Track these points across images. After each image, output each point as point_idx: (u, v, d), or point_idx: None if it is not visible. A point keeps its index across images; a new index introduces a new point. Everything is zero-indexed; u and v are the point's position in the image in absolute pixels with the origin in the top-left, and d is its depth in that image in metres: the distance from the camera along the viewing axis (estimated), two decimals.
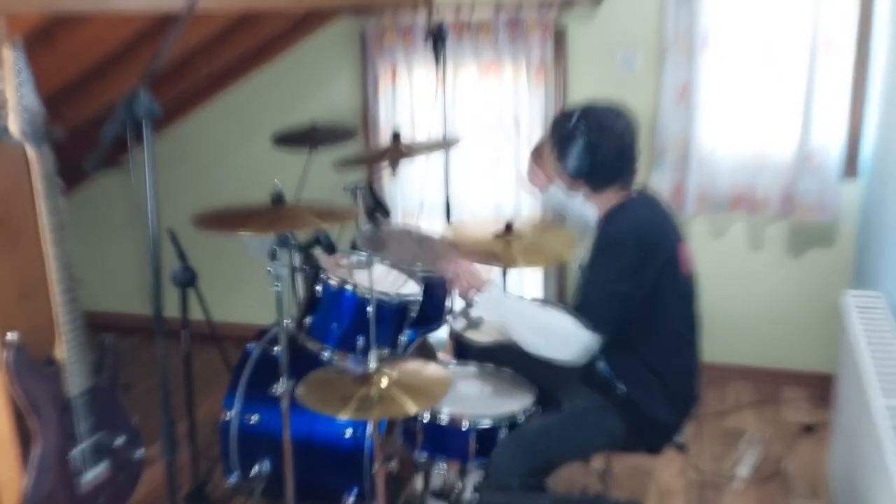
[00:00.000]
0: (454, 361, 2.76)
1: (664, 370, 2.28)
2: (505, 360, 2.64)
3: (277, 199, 2.40)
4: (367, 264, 2.79)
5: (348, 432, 2.60)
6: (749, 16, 3.46)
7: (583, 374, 2.44)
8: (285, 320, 2.41)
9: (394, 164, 3.37)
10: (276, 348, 2.75)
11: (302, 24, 4.01)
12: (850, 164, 3.52)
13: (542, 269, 4.01)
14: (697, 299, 2.37)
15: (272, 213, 2.36)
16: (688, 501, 3.00)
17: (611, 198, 2.31)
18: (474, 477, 2.48)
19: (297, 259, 2.42)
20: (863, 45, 3.41)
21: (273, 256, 2.36)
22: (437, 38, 3.39)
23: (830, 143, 3.44)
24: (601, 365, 2.32)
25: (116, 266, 4.70)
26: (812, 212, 3.52)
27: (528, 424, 2.34)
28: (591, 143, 2.22)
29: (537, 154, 2.78)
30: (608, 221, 2.31)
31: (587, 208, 2.54)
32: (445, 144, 3.38)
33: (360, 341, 2.56)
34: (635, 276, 2.19)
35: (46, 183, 1.95)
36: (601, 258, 2.24)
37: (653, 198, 2.39)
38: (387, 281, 2.75)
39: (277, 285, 2.34)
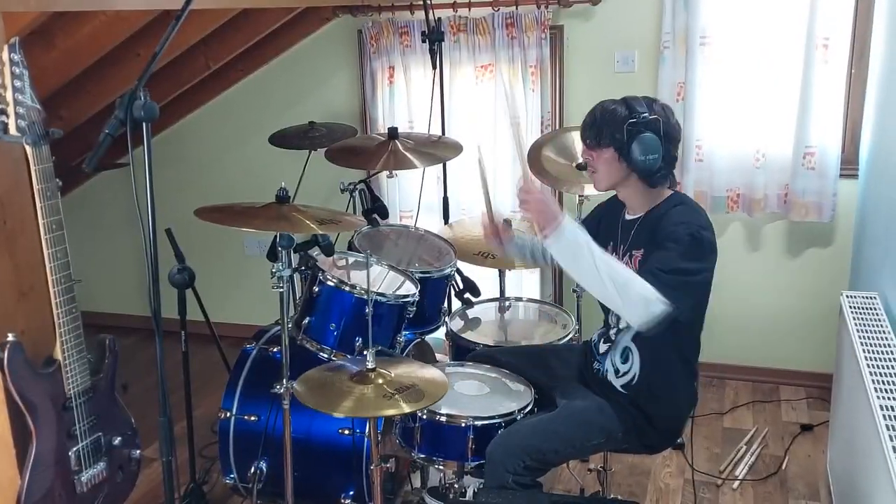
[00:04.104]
0: (451, 362, 2.76)
1: (688, 368, 2.26)
2: (502, 360, 2.64)
3: (282, 198, 2.40)
4: (365, 265, 2.79)
5: (346, 432, 2.60)
6: (746, 15, 3.46)
7: (581, 373, 2.45)
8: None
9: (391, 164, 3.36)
10: (273, 349, 2.76)
11: (299, 25, 4.01)
12: (848, 164, 3.52)
13: (540, 270, 4.01)
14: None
15: (276, 213, 2.36)
16: (686, 501, 3.00)
17: (657, 194, 2.24)
18: (472, 477, 2.48)
19: (295, 260, 2.41)
20: (860, 45, 3.42)
21: (273, 257, 2.35)
22: (434, 38, 3.39)
23: (828, 142, 3.44)
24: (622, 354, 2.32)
25: (114, 266, 4.69)
26: (809, 212, 3.52)
27: (524, 421, 2.34)
28: (668, 133, 2.15)
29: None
30: (665, 217, 2.18)
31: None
32: (445, 148, 3.36)
33: (358, 342, 2.56)
34: (707, 261, 2.14)
35: (45, 183, 1.95)
36: (669, 242, 2.09)
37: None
38: (384, 281, 2.75)
39: (280, 286, 2.33)
